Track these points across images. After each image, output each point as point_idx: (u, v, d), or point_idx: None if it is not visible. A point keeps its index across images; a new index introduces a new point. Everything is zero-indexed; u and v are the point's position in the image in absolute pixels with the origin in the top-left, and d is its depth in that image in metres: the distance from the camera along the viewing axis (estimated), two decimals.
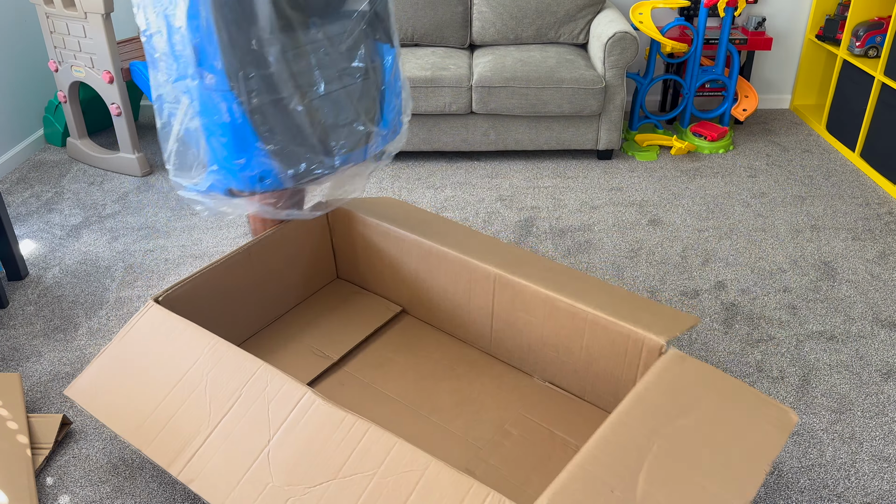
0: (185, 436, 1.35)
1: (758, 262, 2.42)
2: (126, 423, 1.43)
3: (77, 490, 1.59)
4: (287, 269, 1.93)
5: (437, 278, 1.84)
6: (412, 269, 1.89)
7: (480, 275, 1.74)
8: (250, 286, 1.83)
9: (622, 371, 1.58)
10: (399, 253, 1.89)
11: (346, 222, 1.99)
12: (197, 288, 1.69)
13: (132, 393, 1.47)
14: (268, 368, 1.37)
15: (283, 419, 1.29)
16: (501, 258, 1.74)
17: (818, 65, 3.70)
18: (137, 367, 1.50)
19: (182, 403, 1.39)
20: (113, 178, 3.08)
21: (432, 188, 2.95)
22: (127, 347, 1.55)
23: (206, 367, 1.42)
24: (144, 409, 1.43)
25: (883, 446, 1.71)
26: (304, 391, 1.31)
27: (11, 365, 1.97)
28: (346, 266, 2.08)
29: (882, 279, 2.32)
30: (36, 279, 2.37)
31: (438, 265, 1.81)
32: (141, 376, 1.48)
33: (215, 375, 1.40)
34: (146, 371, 1.48)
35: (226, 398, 1.36)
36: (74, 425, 1.76)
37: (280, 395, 1.32)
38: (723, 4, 3.08)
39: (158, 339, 1.52)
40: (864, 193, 2.88)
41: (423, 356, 1.84)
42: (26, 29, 3.29)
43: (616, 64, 2.97)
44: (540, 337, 1.70)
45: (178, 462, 1.33)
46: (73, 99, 3.09)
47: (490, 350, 1.85)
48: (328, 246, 2.05)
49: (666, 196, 2.88)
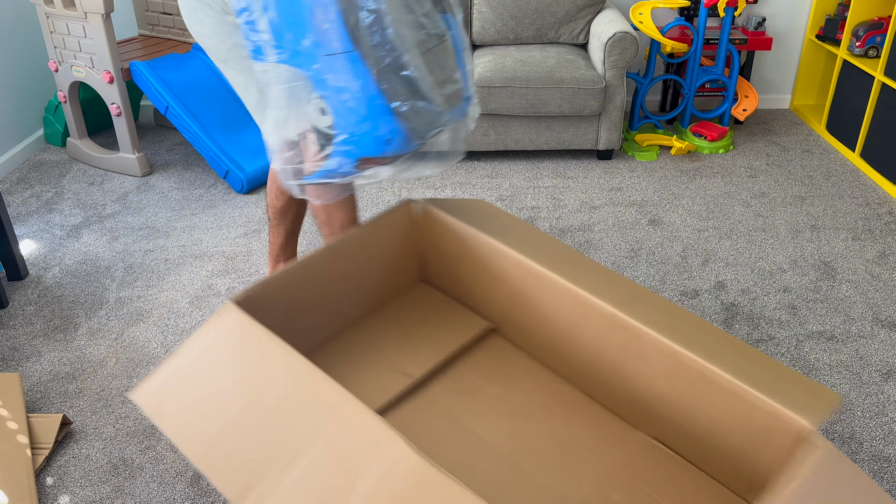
0: (257, 469, 1.20)
1: (758, 262, 2.42)
2: (194, 443, 1.28)
3: (77, 490, 1.59)
4: (369, 271, 1.78)
5: (538, 302, 1.63)
6: (509, 286, 1.69)
7: (591, 309, 1.51)
8: (330, 288, 1.70)
9: (756, 451, 1.35)
10: (496, 267, 1.70)
11: (435, 224, 1.80)
12: (276, 289, 1.56)
13: (202, 408, 1.31)
14: (353, 403, 1.20)
15: (367, 468, 1.13)
16: (617, 293, 1.52)
17: (818, 65, 3.70)
18: (210, 377, 1.35)
19: (256, 430, 1.24)
20: (113, 178, 3.08)
21: (432, 188, 2.95)
22: (201, 353, 1.39)
23: (286, 391, 1.27)
24: (214, 430, 1.27)
25: (883, 446, 1.71)
26: (391, 436, 1.14)
27: (11, 365, 1.97)
28: (432, 270, 1.89)
29: (882, 279, 2.32)
30: (36, 279, 2.37)
31: (541, 288, 1.61)
32: (213, 390, 1.33)
33: (295, 403, 1.25)
34: (219, 385, 1.33)
35: (305, 433, 1.21)
36: (74, 425, 1.76)
37: (366, 441, 1.15)
38: (723, 4, 3.08)
39: (235, 348, 1.37)
40: (864, 193, 2.88)
41: (514, 387, 1.64)
42: (26, 29, 3.29)
43: (616, 64, 2.97)
44: (654, 391, 1.47)
45: (248, 501, 1.18)
46: (73, 99, 3.09)
47: (590, 391, 1.62)
48: (413, 247, 1.87)
49: (666, 196, 2.88)
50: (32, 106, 3.36)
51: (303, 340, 1.70)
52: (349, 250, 1.70)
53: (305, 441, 1.19)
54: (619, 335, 1.48)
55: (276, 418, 1.24)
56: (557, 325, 1.62)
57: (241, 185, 2.90)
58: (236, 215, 2.75)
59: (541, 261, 1.60)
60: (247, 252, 2.50)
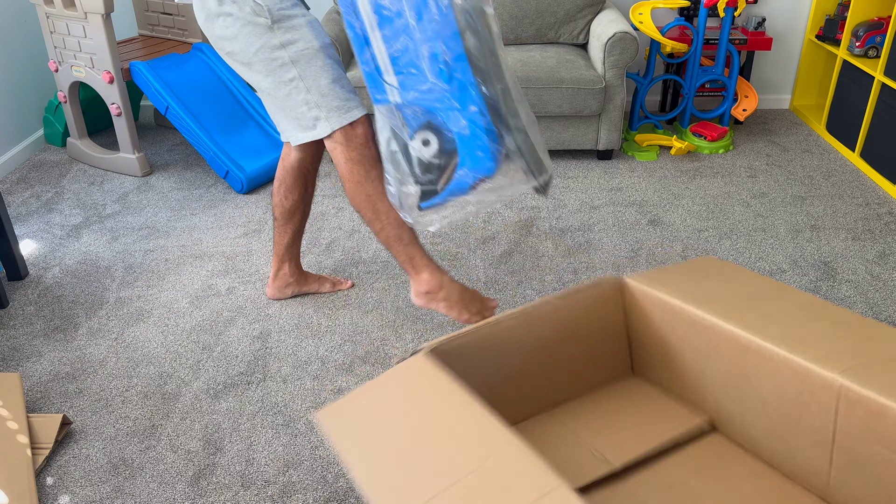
0: (413, 492, 1.14)
1: (758, 263, 2.42)
2: (366, 470, 1.23)
3: (77, 490, 1.59)
4: (571, 350, 1.62)
5: (754, 385, 1.37)
6: (722, 370, 1.44)
7: (816, 384, 1.22)
8: (528, 359, 1.57)
9: None
10: (707, 348, 1.45)
11: (642, 302, 1.60)
12: (468, 346, 1.46)
13: (378, 440, 1.28)
14: (521, 448, 1.08)
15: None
16: (853, 354, 1.22)
17: (818, 65, 3.71)
18: (391, 413, 1.31)
19: (421, 464, 1.18)
20: (113, 178, 3.08)
21: None
22: (387, 390, 1.35)
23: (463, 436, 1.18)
24: (386, 462, 1.23)
25: None
26: (556, 482, 1.00)
27: (11, 365, 1.97)
28: (643, 360, 1.68)
29: (882, 279, 2.32)
30: (36, 279, 2.37)
31: (757, 366, 1.34)
32: (392, 425, 1.29)
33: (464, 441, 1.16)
34: (399, 421, 1.29)
35: (466, 463, 1.11)
36: (74, 425, 1.76)
37: (527, 480, 1.05)
38: (723, 4, 3.08)
39: (421, 390, 1.31)
40: (863, 193, 2.88)
41: (727, 486, 1.37)
42: (26, 29, 3.29)
43: (616, 64, 2.97)
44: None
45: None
46: (74, 99, 3.09)
47: (826, 494, 1.29)
48: (622, 329, 1.67)
49: (666, 196, 2.88)
50: (32, 106, 3.36)
51: (496, 409, 1.54)
52: (549, 320, 1.54)
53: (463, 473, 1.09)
54: (856, 414, 1.17)
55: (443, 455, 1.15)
56: (777, 409, 1.33)
57: (241, 185, 2.90)
58: (236, 215, 2.75)
59: (756, 330, 1.34)
60: (247, 252, 2.50)
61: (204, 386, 1.88)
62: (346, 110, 1.73)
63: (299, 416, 1.78)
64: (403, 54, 1.51)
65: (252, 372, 1.93)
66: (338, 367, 1.95)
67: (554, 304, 1.54)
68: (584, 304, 1.58)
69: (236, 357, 1.99)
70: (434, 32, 1.48)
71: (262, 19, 1.65)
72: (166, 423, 1.76)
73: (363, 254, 2.49)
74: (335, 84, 1.72)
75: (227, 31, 1.69)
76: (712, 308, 1.43)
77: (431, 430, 1.23)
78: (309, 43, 1.68)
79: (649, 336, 1.62)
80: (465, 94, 1.52)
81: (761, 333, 1.32)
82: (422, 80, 1.52)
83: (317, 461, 1.65)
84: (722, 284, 1.53)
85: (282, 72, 1.69)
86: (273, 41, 1.67)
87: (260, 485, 1.59)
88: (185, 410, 1.80)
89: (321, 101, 1.72)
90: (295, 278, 2.21)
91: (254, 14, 1.65)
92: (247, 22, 1.65)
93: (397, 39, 1.50)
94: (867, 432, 1.16)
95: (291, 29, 1.67)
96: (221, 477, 1.61)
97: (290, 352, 2.01)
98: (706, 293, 1.49)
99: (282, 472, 1.62)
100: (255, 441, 1.71)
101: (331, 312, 2.18)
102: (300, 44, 1.68)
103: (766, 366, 1.32)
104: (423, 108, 1.55)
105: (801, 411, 1.28)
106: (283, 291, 2.22)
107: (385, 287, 2.30)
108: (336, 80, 1.72)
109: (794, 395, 1.28)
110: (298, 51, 1.68)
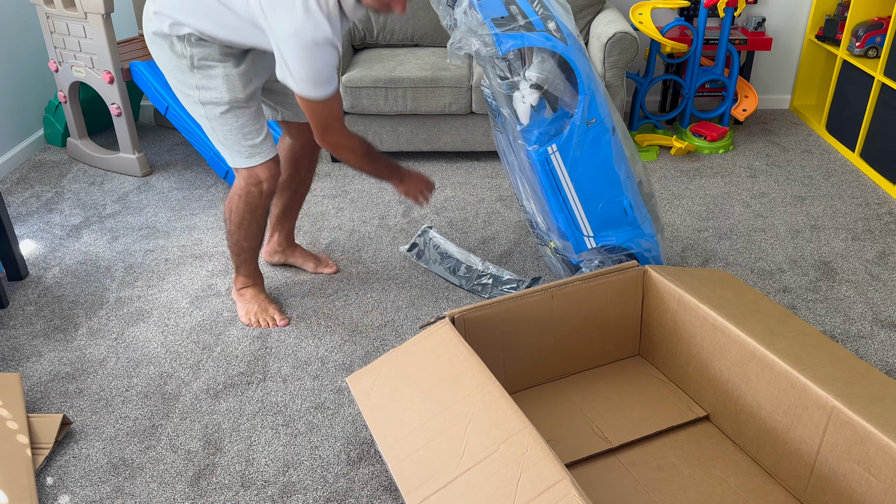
0: (431, 471, 1.27)
1: (757, 263, 2.42)
2: (386, 432, 1.38)
3: (77, 490, 1.59)
4: (586, 329, 1.76)
5: (752, 388, 1.49)
6: (724, 369, 1.56)
7: (812, 400, 1.34)
8: (545, 333, 1.70)
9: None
10: (714, 346, 1.57)
11: (660, 293, 1.72)
12: (491, 317, 1.60)
13: (400, 404, 1.42)
14: (531, 434, 1.21)
15: (530, 498, 1.12)
16: (848, 384, 1.33)
17: (818, 65, 3.71)
18: (414, 380, 1.44)
19: (439, 435, 1.31)
20: (113, 178, 3.08)
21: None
22: (412, 357, 1.49)
23: (474, 407, 1.32)
24: (405, 426, 1.37)
25: None
26: (560, 475, 1.12)
27: (11, 365, 1.97)
28: (651, 345, 1.82)
29: (882, 279, 2.32)
30: (36, 279, 2.37)
31: (758, 373, 1.46)
32: (413, 391, 1.42)
33: (479, 419, 1.29)
34: (420, 388, 1.42)
35: (481, 448, 1.24)
36: (74, 425, 1.76)
37: (535, 469, 1.15)
38: (723, 4, 3.08)
39: (441, 358, 1.44)
40: (863, 193, 2.88)
41: (713, 474, 1.50)
42: (26, 29, 3.29)
43: (616, 64, 2.97)
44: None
45: (416, 495, 1.25)
46: (74, 99, 3.09)
47: (803, 497, 1.43)
48: (636, 315, 1.81)
49: (666, 196, 2.88)
50: (32, 106, 3.36)
51: (507, 379, 1.72)
52: (570, 301, 1.71)
53: (480, 456, 1.23)
54: (843, 434, 1.28)
55: (459, 429, 1.29)
56: (771, 416, 1.45)
57: None
58: None
59: (764, 342, 1.45)
60: None
61: (204, 386, 1.89)
62: (247, 155, 1.89)
63: (299, 416, 1.78)
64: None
65: (252, 372, 1.93)
66: (338, 367, 1.95)
67: (577, 285, 1.68)
68: (607, 286, 1.73)
69: (236, 357, 1.99)
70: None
71: (185, 60, 1.79)
72: (166, 423, 1.76)
73: (363, 254, 2.49)
74: (237, 133, 1.86)
75: (159, 56, 1.83)
76: (725, 312, 1.54)
77: (450, 406, 1.34)
78: (220, 95, 1.81)
79: (662, 325, 1.73)
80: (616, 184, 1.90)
81: (767, 345, 1.43)
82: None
83: (317, 461, 1.65)
84: (736, 296, 1.64)
85: (195, 108, 1.86)
86: (190, 81, 1.81)
87: (260, 485, 1.59)
88: (185, 410, 1.80)
89: (222, 145, 1.90)
90: (283, 248, 2.38)
91: (179, 56, 1.79)
92: (173, 55, 1.79)
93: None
94: (850, 452, 1.27)
95: (208, 77, 1.80)
96: (221, 477, 1.61)
97: (290, 352, 2.01)
98: (721, 299, 1.61)
99: (282, 472, 1.62)
100: (255, 441, 1.71)
101: (331, 312, 2.18)
102: (212, 93, 1.81)
103: (767, 374, 1.44)
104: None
105: (793, 421, 1.40)
106: (273, 257, 2.41)
107: (385, 287, 2.30)
108: (240, 129, 1.86)
109: (789, 406, 1.40)
110: (209, 98, 1.82)
